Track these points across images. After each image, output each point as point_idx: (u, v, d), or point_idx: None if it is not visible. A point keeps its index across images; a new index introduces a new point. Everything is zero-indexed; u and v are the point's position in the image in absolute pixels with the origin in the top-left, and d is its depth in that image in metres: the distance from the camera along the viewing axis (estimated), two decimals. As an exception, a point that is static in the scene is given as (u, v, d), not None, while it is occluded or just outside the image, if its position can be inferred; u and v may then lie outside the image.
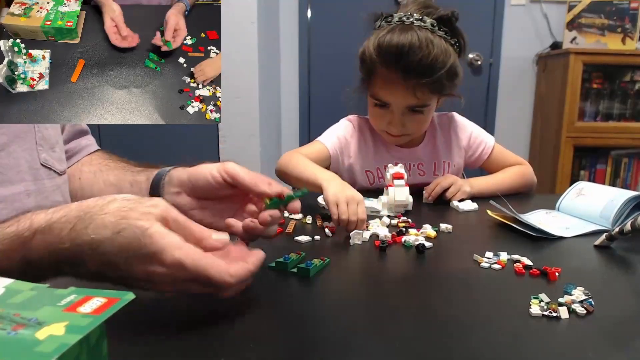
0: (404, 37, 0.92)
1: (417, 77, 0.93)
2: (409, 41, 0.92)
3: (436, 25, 0.96)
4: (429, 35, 0.94)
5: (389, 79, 0.96)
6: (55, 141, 0.75)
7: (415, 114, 1.02)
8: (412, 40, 0.92)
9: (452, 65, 0.96)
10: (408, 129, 1.04)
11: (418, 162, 1.13)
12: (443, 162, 1.15)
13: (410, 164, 1.11)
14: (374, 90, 1.02)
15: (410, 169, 1.11)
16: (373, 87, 1.02)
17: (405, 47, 0.92)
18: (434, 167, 1.14)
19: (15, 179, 0.64)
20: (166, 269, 0.41)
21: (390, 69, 0.95)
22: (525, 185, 1.11)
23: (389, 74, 0.96)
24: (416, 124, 1.04)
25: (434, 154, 1.15)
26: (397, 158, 1.10)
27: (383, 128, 1.07)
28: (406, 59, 0.92)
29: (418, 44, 0.92)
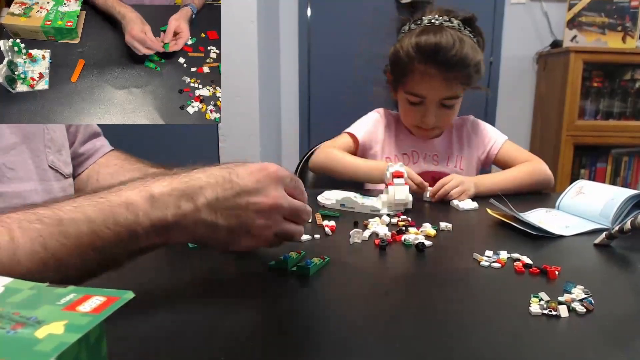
0: (439, 35, 1.04)
1: (453, 70, 1.05)
2: (445, 39, 1.04)
3: (461, 25, 1.09)
4: (458, 33, 1.06)
5: (427, 74, 1.07)
6: (62, 144, 0.76)
7: (445, 108, 1.13)
8: (447, 38, 1.04)
9: (479, 60, 1.09)
10: (439, 122, 1.15)
11: (433, 154, 1.22)
12: (456, 155, 1.23)
13: (425, 154, 1.22)
14: (410, 86, 1.11)
15: (425, 158, 1.22)
16: (409, 84, 1.11)
17: (442, 44, 1.03)
18: (447, 159, 1.22)
19: (25, 177, 0.66)
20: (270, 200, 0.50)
21: (429, 64, 1.06)
22: (537, 182, 1.11)
23: (427, 70, 1.06)
24: (446, 117, 1.15)
25: (449, 147, 1.23)
26: (415, 146, 1.22)
27: (416, 123, 1.16)
28: (443, 54, 1.03)
29: (452, 41, 1.04)
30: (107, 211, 0.44)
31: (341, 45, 2.77)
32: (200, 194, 0.48)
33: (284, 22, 2.75)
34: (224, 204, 0.49)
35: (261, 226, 0.51)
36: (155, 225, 0.46)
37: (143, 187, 0.47)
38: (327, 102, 2.83)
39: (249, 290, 0.55)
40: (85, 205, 0.44)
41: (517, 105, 2.80)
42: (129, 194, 0.46)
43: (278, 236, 0.54)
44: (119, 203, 0.45)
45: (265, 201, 0.50)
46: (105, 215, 0.43)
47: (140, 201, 0.46)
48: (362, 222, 0.80)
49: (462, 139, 1.25)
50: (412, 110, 1.14)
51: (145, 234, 0.45)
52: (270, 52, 2.53)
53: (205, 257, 0.63)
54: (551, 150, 2.54)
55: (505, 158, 1.20)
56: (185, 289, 0.54)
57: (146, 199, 0.46)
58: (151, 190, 0.47)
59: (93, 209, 0.44)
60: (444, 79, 1.07)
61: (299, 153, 2.86)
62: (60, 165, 0.73)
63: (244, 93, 2.15)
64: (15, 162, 0.65)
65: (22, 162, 0.66)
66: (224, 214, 0.49)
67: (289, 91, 2.84)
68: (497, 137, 1.23)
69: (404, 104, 1.16)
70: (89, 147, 0.85)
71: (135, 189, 0.47)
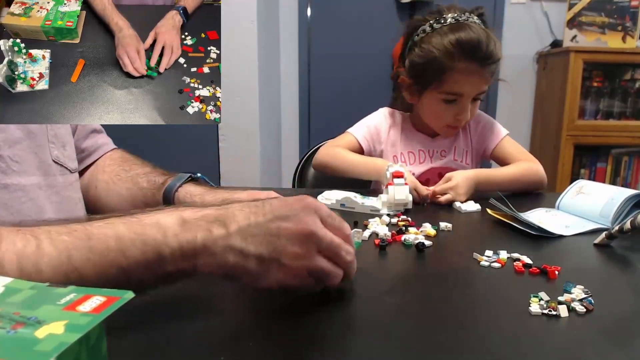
0: (474, 32, 1.06)
1: (490, 64, 1.08)
2: (482, 35, 1.06)
3: (479, 21, 1.11)
4: (485, 29, 1.09)
5: (468, 71, 1.07)
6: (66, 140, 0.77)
7: (474, 103, 1.14)
8: (481, 33, 1.06)
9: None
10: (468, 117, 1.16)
11: (441, 150, 1.23)
12: (464, 149, 1.23)
13: (433, 150, 1.22)
14: (449, 85, 1.09)
15: (433, 155, 1.22)
16: (447, 82, 1.09)
17: (481, 39, 1.05)
18: (454, 153, 1.23)
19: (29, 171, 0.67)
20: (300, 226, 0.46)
21: (470, 60, 1.06)
22: (531, 182, 1.11)
23: (468, 66, 1.06)
24: (473, 112, 1.16)
25: (455, 142, 1.23)
26: (422, 145, 1.22)
27: (449, 122, 1.15)
28: (482, 49, 1.05)
29: (486, 35, 1.06)
30: (137, 229, 0.43)
31: (341, 45, 2.78)
32: (233, 220, 0.46)
33: (284, 22, 2.75)
34: (256, 229, 0.46)
35: (293, 255, 0.46)
36: (183, 248, 0.44)
37: (176, 211, 0.46)
38: (327, 102, 2.83)
39: (248, 290, 0.55)
40: (117, 223, 0.44)
41: (517, 105, 2.80)
42: (160, 216, 0.45)
43: (312, 275, 0.48)
44: (150, 223, 0.44)
45: (297, 227, 0.46)
46: (135, 234, 0.43)
47: (172, 222, 0.45)
48: (362, 222, 0.80)
49: (467, 132, 1.25)
50: (447, 110, 1.13)
51: (172, 257, 0.44)
52: (270, 52, 2.53)
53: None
54: (551, 150, 2.54)
55: (502, 153, 1.20)
56: (185, 289, 0.54)
57: (177, 221, 0.45)
58: (182, 214, 0.46)
59: (123, 226, 0.43)
60: (482, 74, 1.08)
61: (299, 153, 2.86)
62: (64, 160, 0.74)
63: (244, 93, 2.15)
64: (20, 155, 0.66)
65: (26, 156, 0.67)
66: (255, 241, 0.46)
67: (289, 91, 2.84)
68: (498, 131, 1.23)
69: (436, 104, 1.13)
70: (90, 143, 0.85)
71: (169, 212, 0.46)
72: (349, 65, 2.78)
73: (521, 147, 1.22)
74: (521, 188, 1.09)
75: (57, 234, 0.41)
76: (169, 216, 0.45)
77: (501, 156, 1.20)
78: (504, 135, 1.22)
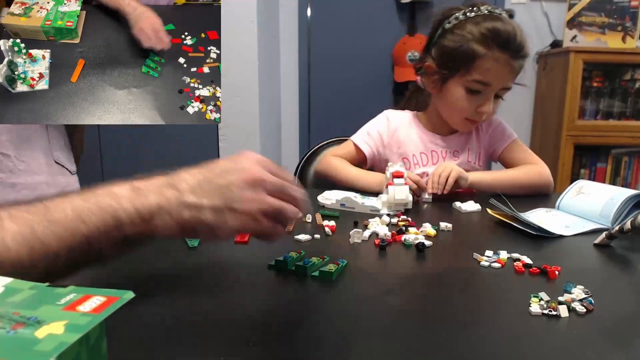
0: (508, 24, 1.07)
1: (519, 59, 1.08)
2: (516, 27, 1.07)
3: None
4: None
5: (499, 61, 1.06)
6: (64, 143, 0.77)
7: (496, 100, 1.14)
8: (515, 26, 1.07)
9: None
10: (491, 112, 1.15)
11: (454, 150, 1.21)
12: (476, 150, 1.22)
13: (446, 150, 1.21)
14: (477, 73, 1.09)
15: (446, 156, 1.20)
16: (476, 70, 1.08)
17: (515, 31, 1.06)
18: (467, 153, 1.21)
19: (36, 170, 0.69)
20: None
21: (502, 50, 1.06)
22: (536, 185, 1.10)
23: (500, 56, 1.06)
24: (495, 109, 1.16)
25: (468, 142, 1.22)
26: (434, 145, 1.20)
27: (469, 114, 1.13)
28: (516, 41, 1.06)
29: (519, 29, 1.07)
30: (92, 199, 0.46)
31: (341, 45, 2.77)
32: (183, 181, 0.49)
33: (284, 22, 2.75)
34: (206, 185, 0.50)
35: (245, 199, 0.49)
36: (139, 210, 0.46)
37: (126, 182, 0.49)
38: (327, 102, 2.83)
39: (248, 290, 0.55)
40: (72, 195, 0.46)
41: (517, 105, 2.80)
42: (111, 187, 0.48)
43: (268, 216, 0.50)
44: (103, 192, 0.47)
45: (244, 175, 0.50)
46: (91, 203, 0.45)
47: (123, 190, 0.47)
48: (362, 222, 0.80)
49: (479, 132, 1.23)
50: (470, 100, 1.11)
51: (129, 220, 0.46)
52: (270, 52, 2.53)
53: (205, 257, 0.63)
54: (551, 150, 2.54)
55: (509, 157, 1.20)
56: (185, 289, 0.54)
57: (129, 189, 0.48)
58: (132, 183, 0.49)
59: (78, 197, 0.46)
60: (512, 66, 1.08)
61: (299, 153, 2.86)
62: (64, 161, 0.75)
63: (244, 93, 2.15)
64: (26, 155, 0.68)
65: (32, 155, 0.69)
66: (207, 194, 0.49)
67: (289, 91, 2.84)
68: (507, 133, 1.23)
69: (461, 93, 1.11)
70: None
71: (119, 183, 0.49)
72: (349, 65, 2.78)
73: (529, 150, 1.21)
74: (524, 191, 1.07)
75: (17, 211, 0.43)
76: (120, 186, 0.48)
77: (509, 159, 1.20)
78: (514, 138, 1.22)
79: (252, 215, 0.49)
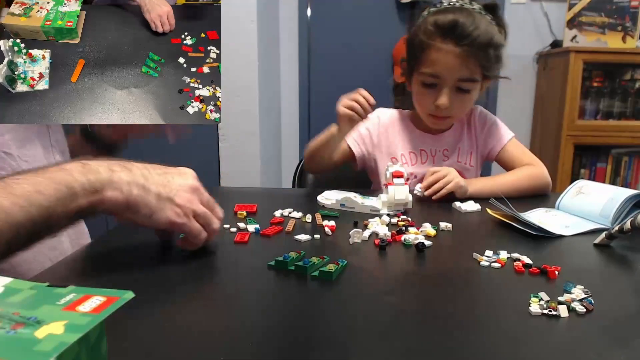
0: (458, 13, 1.05)
1: (470, 44, 1.03)
2: (463, 15, 1.04)
3: (483, 9, 1.08)
4: (478, 14, 1.07)
5: (444, 50, 1.05)
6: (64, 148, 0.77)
7: (461, 94, 1.09)
8: (465, 15, 1.04)
9: (499, 44, 1.07)
10: (453, 110, 1.10)
11: (443, 149, 1.19)
12: (468, 150, 1.20)
13: (435, 150, 1.18)
14: (425, 65, 1.08)
15: (435, 155, 1.18)
16: (424, 63, 1.08)
17: (459, 19, 1.03)
18: (457, 153, 1.19)
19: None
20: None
21: (446, 40, 1.04)
22: (535, 187, 1.09)
23: (443, 46, 1.04)
24: (461, 104, 1.11)
25: (459, 141, 1.20)
26: (423, 143, 1.18)
27: (429, 110, 1.12)
28: (461, 28, 1.03)
29: (471, 17, 1.04)
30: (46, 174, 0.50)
31: (341, 45, 2.77)
32: (133, 166, 0.57)
33: (284, 22, 2.75)
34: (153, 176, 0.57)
35: (184, 198, 0.58)
36: (91, 181, 0.51)
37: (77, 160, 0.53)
38: (327, 102, 2.82)
39: (248, 290, 0.55)
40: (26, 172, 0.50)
41: (517, 105, 2.80)
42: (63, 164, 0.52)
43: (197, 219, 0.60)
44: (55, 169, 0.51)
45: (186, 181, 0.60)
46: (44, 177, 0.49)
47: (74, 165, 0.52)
48: (362, 222, 0.80)
49: (472, 132, 1.21)
50: (426, 95, 1.10)
51: (82, 190, 0.51)
52: (270, 52, 2.53)
53: (204, 257, 0.63)
54: (551, 150, 2.54)
55: (507, 157, 1.18)
56: (185, 289, 0.54)
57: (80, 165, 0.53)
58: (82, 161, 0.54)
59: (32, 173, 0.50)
60: (460, 56, 1.04)
61: (299, 153, 2.86)
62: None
63: (244, 93, 2.15)
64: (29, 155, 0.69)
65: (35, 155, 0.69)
66: (154, 183, 0.57)
67: (289, 91, 2.84)
68: (503, 133, 1.20)
69: (418, 88, 1.12)
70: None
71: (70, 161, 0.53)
72: (349, 66, 2.78)
73: (527, 149, 1.20)
74: (523, 194, 1.06)
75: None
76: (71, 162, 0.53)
77: (507, 159, 1.18)
78: (510, 137, 1.20)
79: (186, 212, 0.58)
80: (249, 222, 0.77)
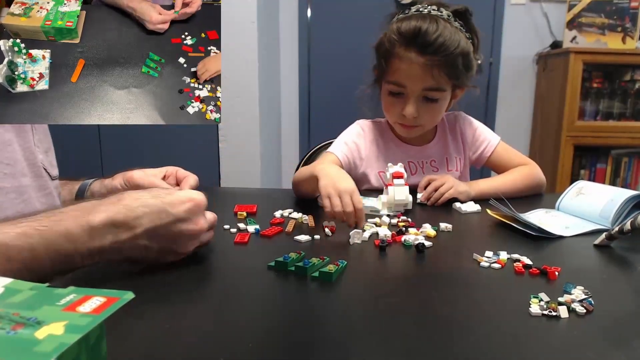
0: (422, 20, 1.00)
1: (434, 53, 0.99)
2: (427, 23, 0.99)
3: (452, 17, 1.03)
4: (445, 22, 1.01)
5: (407, 59, 1.01)
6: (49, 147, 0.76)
7: (429, 103, 1.05)
8: (430, 22, 0.99)
9: (467, 52, 1.02)
10: (422, 119, 1.06)
11: (430, 160, 1.16)
12: (455, 157, 1.18)
13: (422, 162, 1.15)
14: (390, 74, 1.05)
15: (423, 167, 1.14)
16: (389, 72, 1.05)
17: (423, 27, 0.99)
18: (446, 163, 1.17)
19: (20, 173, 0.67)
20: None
21: (410, 48, 1.00)
22: (532, 186, 1.09)
23: (407, 54, 1.01)
24: (430, 114, 1.07)
25: (445, 150, 1.17)
26: (409, 156, 1.14)
27: (396, 119, 1.09)
28: (424, 37, 0.98)
29: (435, 25, 0.99)
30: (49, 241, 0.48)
31: (341, 45, 2.77)
32: (139, 224, 0.54)
33: (284, 22, 2.75)
34: (160, 232, 0.55)
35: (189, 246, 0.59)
36: (91, 251, 0.51)
37: (82, 217, 0.51)
38: (327, 102, 2.83)
39: (248, 291, 0.55)
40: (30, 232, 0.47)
41: (517, 106, 2.80)
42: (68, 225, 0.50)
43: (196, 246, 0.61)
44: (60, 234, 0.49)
45: (195, 228, 0.58)
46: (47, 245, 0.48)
47: (80, 232, 0.50)
48: (362, 222, 0.80)
49: (457, 139, 1.19)
50: (393, 103, 1.07)
51: (81, 259, 0.51)
52: (270, 52, 2.53)
53: (204, 257, 0.63)
54: (551, 151, 2.54)
55: (498, 160, 1.17)
56: (185, 290, 0.54)
57: (85, 230, 0.50)
58: (89, 220, 0.51)
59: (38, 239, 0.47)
60: (425, 65, 0.99)
61: (299, 153, 2.86)
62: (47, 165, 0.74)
63: (244, 93, 2.15)
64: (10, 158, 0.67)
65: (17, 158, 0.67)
66: (160, 240, 0.55)
67: (289, 91, 2.84)
68: (490, 137, 1.18)
69: (386, 97, 1.08)
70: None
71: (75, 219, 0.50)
72: (349, 66, 2.77)
73: (516, 150, 1.18)
74: (523, 193, 1.07)
75: None
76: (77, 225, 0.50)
77: (498, 162, 1.17)
78: (498, 140, 1.18)
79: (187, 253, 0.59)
80: (249, 223, 0.77)
